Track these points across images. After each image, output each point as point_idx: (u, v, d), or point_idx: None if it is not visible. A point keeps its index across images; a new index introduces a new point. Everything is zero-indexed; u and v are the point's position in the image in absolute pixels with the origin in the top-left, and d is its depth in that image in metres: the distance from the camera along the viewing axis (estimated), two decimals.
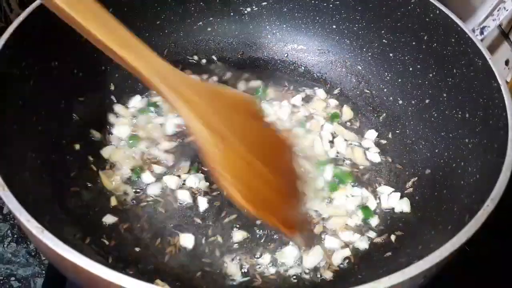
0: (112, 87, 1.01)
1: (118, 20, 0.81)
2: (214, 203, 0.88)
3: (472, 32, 0.90)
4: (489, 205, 0.64)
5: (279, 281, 0.79)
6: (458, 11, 0.98)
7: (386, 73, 1.06)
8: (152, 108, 1.01)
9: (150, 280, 0.54)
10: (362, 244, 0.84)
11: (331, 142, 0.99)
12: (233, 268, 0.80)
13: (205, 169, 0.91)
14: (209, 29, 1.13)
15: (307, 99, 1.08)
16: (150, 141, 0.96)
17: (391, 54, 1.04)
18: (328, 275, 0.80)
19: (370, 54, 1.08)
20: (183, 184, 0.90)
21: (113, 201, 0.86)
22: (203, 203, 0.88)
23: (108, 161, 0.91)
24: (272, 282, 0.79)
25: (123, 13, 0.88)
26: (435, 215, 0.80)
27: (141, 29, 1.04)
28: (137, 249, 0.81)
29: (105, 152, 0.92)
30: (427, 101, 0.96)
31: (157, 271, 0.78)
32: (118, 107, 1.00)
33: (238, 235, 0.84)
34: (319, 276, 0.80)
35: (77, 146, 0.90)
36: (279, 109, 1.04)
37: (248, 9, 1.13)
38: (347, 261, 0.82)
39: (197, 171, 0.91)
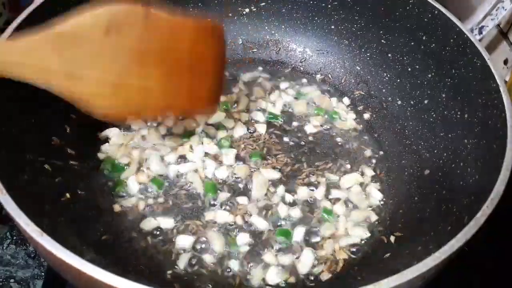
0: None
1: None
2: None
3: (471, 31, 0.90)
4: (488, 206, 0.64)
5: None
6: (456, 10, 0.98)
7: (384, 74, 1.06)
8: None
9: (151, 284, 0.53)
10: (361, 245, 0.84)
11: None
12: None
13: None
14: None
15: (304, 99, 1.08)
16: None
17: (389, 55, 1.04)
18: (326, 276, 0.80)
19: (368, 54, 1.08)
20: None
21: (117, 208, 0.86)
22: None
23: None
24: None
25: None
26: (434, 216, 0.80)
27: None
28: (138, 251, 0.81)
29: (104, 150, 0.93)
30: (426, 101, 0.96)
31: (158, 274, 0.78)
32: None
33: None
34: (317, 278, 0.80)
35: (77, 148, 0.89)
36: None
37: (247, 10, 1.14)
38: (346, 262, 0.82)
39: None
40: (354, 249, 0.84)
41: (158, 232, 0.84)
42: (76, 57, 0.68)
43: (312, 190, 0.92)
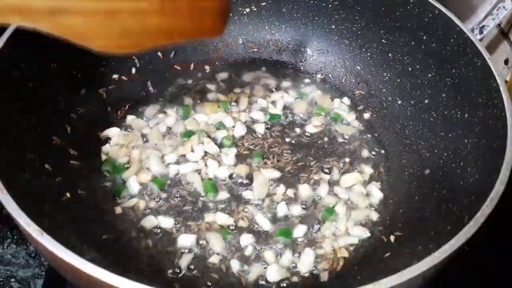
0: (112, 87, 1.01)
1: None
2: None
3: (471, 31, 0.90)
4: (488, 206, 0.64)
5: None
6: (457, 10, 0.99)
7: (385, 73, 1.06)
8: None
9: (151, 283, 0.53)
10: (361, 244, 0.85)
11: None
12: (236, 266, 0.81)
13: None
14: None
15: (305, 99, 1.09)
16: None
17: (390, 54, 1.04)
18: (326, 275, 0.80)
19: (369, 54, 1.08)
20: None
21: (118, 209, 0.86)
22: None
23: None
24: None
25: None
26: (434, 215, 0.80)
27: None
28: (138, 251, 0.81)
29: (105, 151, 0.94)
30: (426, 101, 0.96)
31: (159, 274, 0.78)
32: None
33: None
34: (317, 277, 0.80)
35: (78, 148, 0.89)
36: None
37: (247, 10, 1.14)
38: (346, 262, 0.82)
39: None
40: (354, 248, 0.84)
41: (158, 232, 0.84)
42: None
43: (313, 189, 0.92)
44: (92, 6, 0.65)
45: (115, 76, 1.03)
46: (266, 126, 1.02)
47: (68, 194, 0.81)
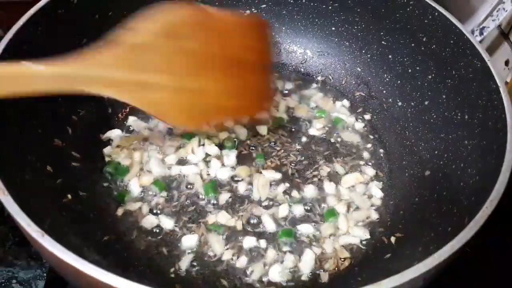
0: None
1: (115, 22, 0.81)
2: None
3: (471, 33, 0.90)
4: (488, 207, 0.64)
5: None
6: (457, 12, 0.99)
7: (385, 75, 1.06)
8: None
9: (152, 284, 0.54)
10: (362, 245, 0.85)
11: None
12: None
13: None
14: None
15: (306, 101, 1.09)
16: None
17: (390, 56, 1.04)
18: (327, 276, 0.80)
19: (369, 55, 1.08)
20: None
21: (120, 211, 0.87)
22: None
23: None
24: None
25: (122, 16, 0.88)
26: (434, 216, 0.80)
27: None
28: (139, 252, 0.81)
29: (107, 152, 0.94)
30: (426, 102, 0.96)
31: (160, 275, 0.78)
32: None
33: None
34: (318, 278, 0.80)
35: (78, 150, 0.90)
36: None
37: (247, 12, 1.14)
38: (346, 263, 0.82)
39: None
40: (355, 250, 0.84)
41: (159, 233, 0.84)
42: (142, 65, 0.70)
43: (315, 190, 0.92)
44: (167, 81, 0.72)
45: None
46: (268, 128, 1.02)
47: (69, 196, 0.81)
